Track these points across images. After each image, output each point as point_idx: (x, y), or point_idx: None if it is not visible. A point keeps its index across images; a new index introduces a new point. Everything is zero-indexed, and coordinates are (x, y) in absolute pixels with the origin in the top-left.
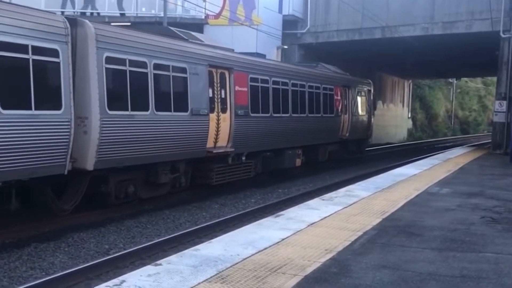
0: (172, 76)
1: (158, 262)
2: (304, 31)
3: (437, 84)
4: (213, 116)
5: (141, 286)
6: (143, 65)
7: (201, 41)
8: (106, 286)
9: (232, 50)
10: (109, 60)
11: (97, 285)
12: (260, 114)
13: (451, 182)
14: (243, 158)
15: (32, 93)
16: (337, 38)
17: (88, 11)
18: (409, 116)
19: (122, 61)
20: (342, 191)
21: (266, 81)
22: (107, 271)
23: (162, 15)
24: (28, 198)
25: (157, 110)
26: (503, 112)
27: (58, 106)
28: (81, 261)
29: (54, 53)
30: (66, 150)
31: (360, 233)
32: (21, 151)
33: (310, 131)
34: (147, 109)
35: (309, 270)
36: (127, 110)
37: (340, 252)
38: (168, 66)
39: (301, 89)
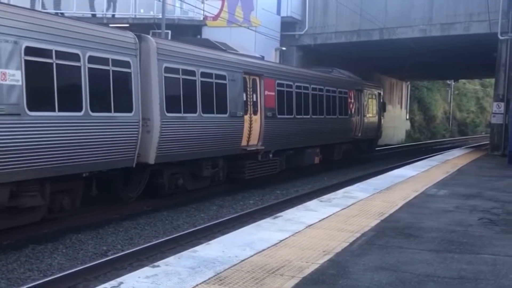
0: (215, 82)
1: (156, 263)
2: (302, 32)
3: (435, 85)
4: (246, 117)
5: (139, 287)
6: (193, 73)
7: (236, 51)
8: (104, 287)
9: (262, 58)
10: (167, 69)
11: (95, 286)
12: (285, 116)
13: (449, 184)
14: (270, 155)
15: (112, 98)
16: (335, 40)
17: (53, 11)
18: (407, 117)
19: (176, 71)
20: (340, 192)
21: (290, 86)
22: (105, 273)
23: (161, 16)
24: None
25: (203, 113)
26: (501, 113)
27: (130, 109)
28: (79, 263)
29: (127, 64)
30: (135, 146)
31: (358, 235)
32: (104, 147)
33: (327, 132)
34: (195, 112)
35: (307, 271)
36: (180, 112)
37: (338, 254)
38: (211, 74)
39: (319, 92)
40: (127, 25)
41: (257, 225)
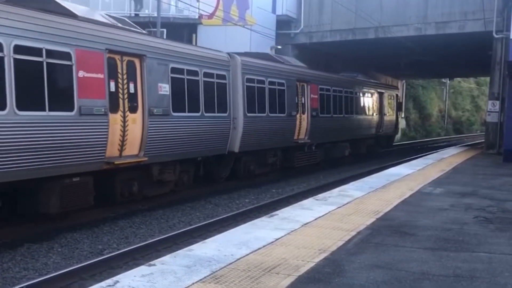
0: (277, 89)
1: (152, 262)
2: (297, 31)
3: (431, 84)
4: (298, 116)
5: (135, 286)
6: (263, 82)
7: (290, 62)
8: (100, 286)
9: (307, 67)
10: (247, 80)
11: (90, 285)
12: (325, 115)
13: (445, 182)
14: (313, 148)
15: (215, 102)
16: (330, 38)
17: None
18: (403, 116)
19: (253, 80)
20: (335, 191)
21: (328, 90)
22: (101, 272)
23: (156, 15)
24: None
25: (270, 113)
26: (496, 112)
27: (226, 111)
28: (74, 262)
29: (224, 77)
30: (227, 138)
31: (353, 233)
32: (212, 139)
33: (355, 128)
34: (264, 112)
35: (303, 270)
36: (255, 113)
37: (334, 252)
38: (275, 82)
39: (350, 95)
40: None
41: (252, 224)
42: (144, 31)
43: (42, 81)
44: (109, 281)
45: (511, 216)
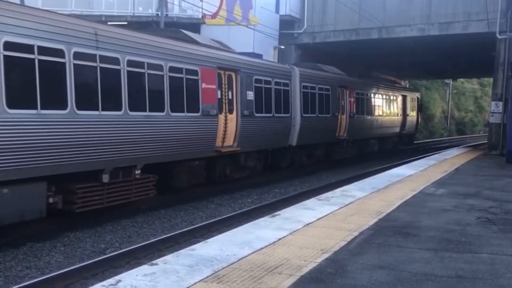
0: (324, 93)
1: (154, 261)
2: (301, 31)
3: (434, 84)
4: (339, 116)
5: (137, 285)
6: (314, 88)
7: (332, 71)
8: (102, 285)
9: (345, 75)
10: (303, 87)
11: (93, 284)
12: (360, 116)
13: (447, 183)
14: (350, 143)
15: (282, 105)
16: (334, 39)
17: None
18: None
19: (307, 87)
20: (338, 191)
21: (363, 94)
22: (103, 271)
23: (159, 14)
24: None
25: (319, 113)
26: (499, 113)
27: (288, 112)
28: (77, 261)
29: (287, 85)
30: (289, 134)
31: (356, 233)
32: (277, 134)
33: (384, 127)
34: (315, 113)
35: (305, 270)
36: (309, 113)
37: (336, 252)
38: (323, 87)
39: (380, 98)
40: (125, 23)
41: (255, 224)
42: (236, 51)
43: (183, 92)
44: (111, 280)
45: None
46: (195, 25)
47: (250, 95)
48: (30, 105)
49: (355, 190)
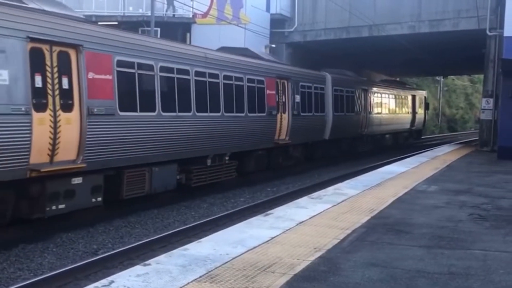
0: (350, 95)
1: (147, 262)
2: (291, 29)
3: (425, 82)
4: (361, 114)
5: (130, 286)
6: (342, 91)
7: (355, 76)
8: (95, 286)
9: (366, 79)
10: (334, 90)
11: (86, 285)
12: (378, 114)
13: (439, 180)
14: (369, 138)
15: (319, 105)
16: (324, 37)
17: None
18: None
19: (337, 90)
20: (330, 189)
21: (380, 95)
22: (96, 272)
23: (149, 14)
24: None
25: (346, 112)
26: (490, 109)
27: (324, 111)
28: (69, 262)
29: (322, 88)
30: (324, 129)
31: (349, 231)
32: (317, 129)
33: (397, 124)
34: (343, 112)
35: (298, 268)
36: (338, 112)
37: (329, 251)
38: (350, 90)
39: (394, 98)
40: (116, 23)
41: (248, 223)
42: (282, 61)
43: (255, 97)
44: (104, 281)
45: (505, 214)
46: (186, 25)
47: (297, 98)
48: (172, 109)
49: (348, 188)
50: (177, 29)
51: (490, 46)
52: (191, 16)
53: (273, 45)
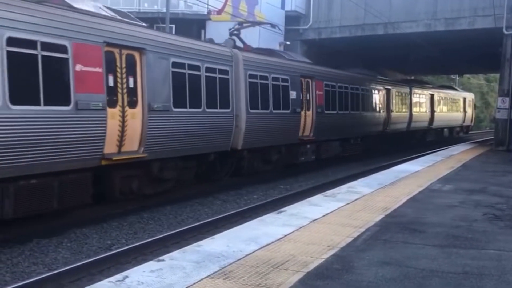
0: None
1: (160, 258)
2: (306, 27)
3: (440, 80)
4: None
5: (144, 281)
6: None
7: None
8: (109, 281)
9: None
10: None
11: (99, 280)
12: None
13: (454, 179)
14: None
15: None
16: (339, 34)
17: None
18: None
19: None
20: (344, 187)
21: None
22: (110, 267)
23: (165, 11)
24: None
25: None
26: (505, 108)
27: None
28: (83, 257)
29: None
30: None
31: (362, 230)
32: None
33: (452, 120)
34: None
35: (311, 266)
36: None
37: (343, 249)
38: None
39: (451, 100)
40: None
41: (261, 220)
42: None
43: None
44: (118, 276)
45: None
46: (201, 21)
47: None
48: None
49: (362, 186)
50: (192, 25)
51: (506, 44)
52: (206, 12)
53: (288, 42)
